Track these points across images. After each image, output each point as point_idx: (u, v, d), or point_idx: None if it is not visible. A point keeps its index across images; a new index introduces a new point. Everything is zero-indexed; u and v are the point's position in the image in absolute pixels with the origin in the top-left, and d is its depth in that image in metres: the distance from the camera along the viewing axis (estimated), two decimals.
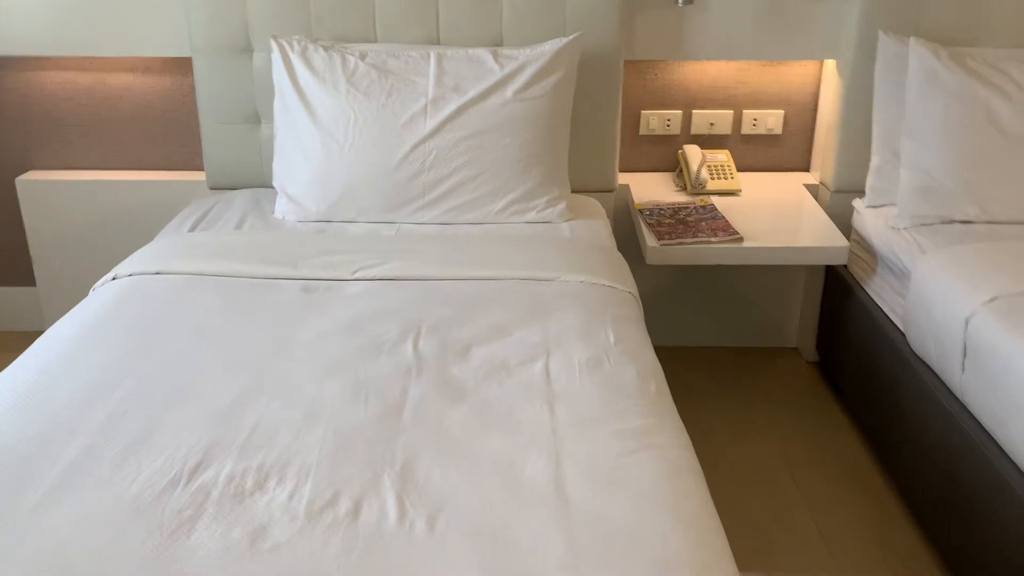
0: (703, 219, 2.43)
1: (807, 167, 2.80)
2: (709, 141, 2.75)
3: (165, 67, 2.66)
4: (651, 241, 2.31)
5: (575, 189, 2.39)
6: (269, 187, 2.52)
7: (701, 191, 2.61)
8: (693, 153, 2.64)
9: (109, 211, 2.71)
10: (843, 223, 2.52)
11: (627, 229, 2.66)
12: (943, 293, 1.90)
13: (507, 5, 2.39)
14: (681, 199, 2.58)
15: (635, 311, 1.74)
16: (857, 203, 2.50)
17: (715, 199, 2.57)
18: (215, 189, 2.58)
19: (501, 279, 1.82)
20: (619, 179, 2.67)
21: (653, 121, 2.73)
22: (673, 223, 2.41)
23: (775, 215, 2.48)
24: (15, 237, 2.85)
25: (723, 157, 2.69)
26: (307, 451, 1.24)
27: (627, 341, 1.56)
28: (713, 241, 2.30)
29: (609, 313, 1.68)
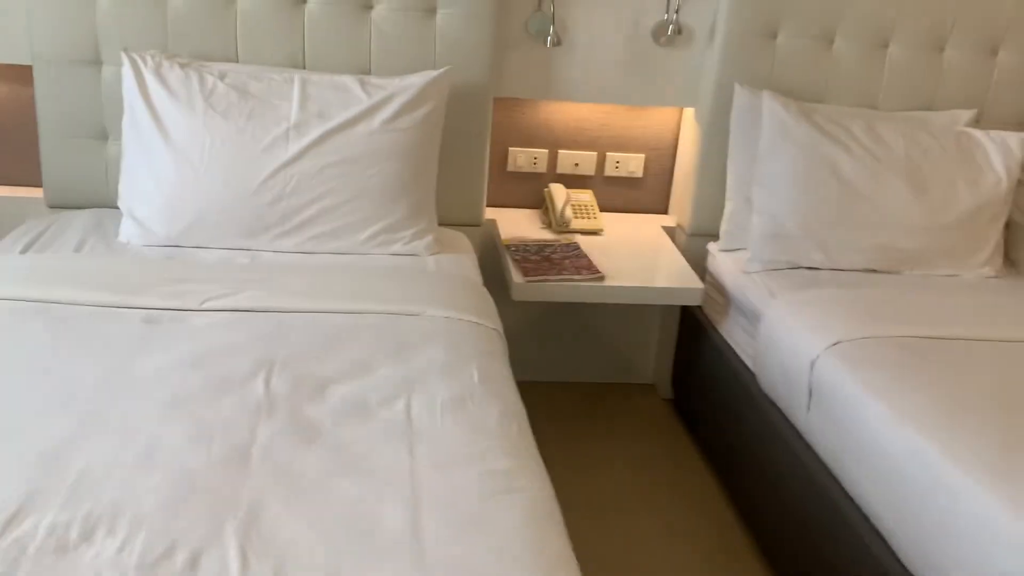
0: (567, 257, 2.45)
1: (666, 210, 2.88)
2: (574, 181, 2.79)
3: (7, 75, 2.46)
4: (517, 277, 2.31)
5: (441, 222, 2.37)
6: (114, 208, 2.36)
7: (565, 229, 2.64)
8: (558, 192, 2.67)
9: None
10: (698, 265, 2.61)
11: (493, 264, 2.65)
12: (791, 336, 1.98)
13: (376, 34, 2.35)
14: (547, 236, 2.60)
15: (500, 348, 1.72)
16: (712, 246, 2.59)
17: (579, 238, 2.61)
18: (54, 208, 2.39)
19: (364, 312, 1.76)
20: (486, 214, 2.66)
21: (520, 158, 2.75)
22: (539, 260, 2.42)
23: (634, 255, 2.53)
24: None
25: (587, 197, 2.74)
26: (141, 498, 1.14)
27: (491, 379, 1.54)
28: (576, 279, 2.32)
29: (474, 350, 1.65)
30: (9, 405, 1.33)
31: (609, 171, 2.80)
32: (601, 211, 2.75)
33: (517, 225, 2.67)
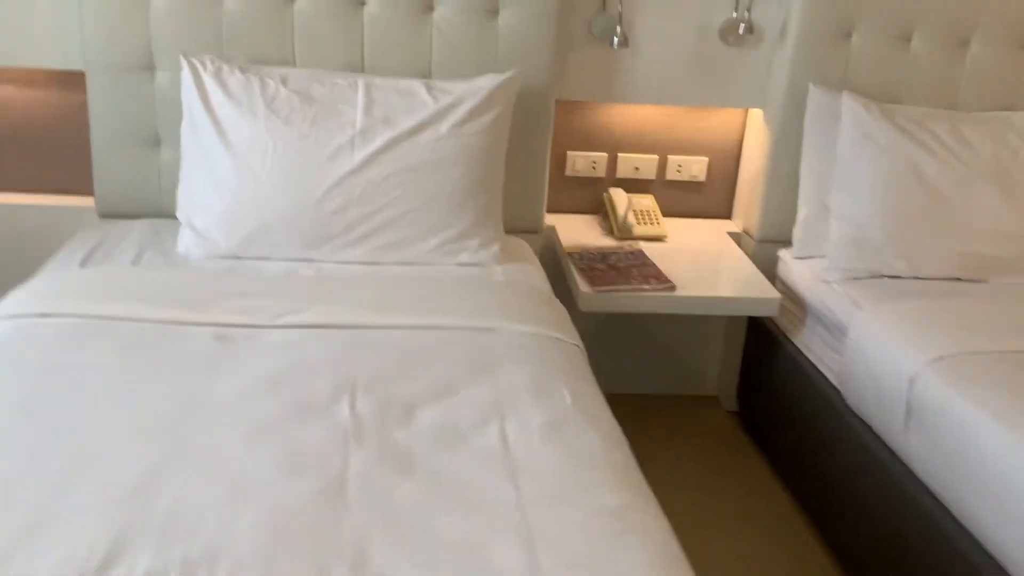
0: (633, 265, 2.36)
1: (729, 215, 2.78)
2: (633, 185, 2.70)
3: (52, 80, 2.40)
4: (583, 287, 2.22)
5: None
6: (167, 217, 2.29)
7: (628, 236, 2.55)
8: (619, 197, 2.58)
9: None
10: (768, 273, 2.50)
11: (554, 272, 2.56)
12: (885, 351, 1.88)
13: (437, 35, 2.27)
14: (608, 243, 2.51)
15: (584, 366, 1.64)
16: (783, 254, 2.49)
17: (642, 244, 2.51)
18: (106, 217, 2.33)
19: (439, 328, 1.68)
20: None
21: (579, 162, 2.66)
22: (604, 268, 2.33)
23: (702, 263, 2.44)
24: None
25: (648, 202, 2.64)
26: (237, 539, 1.06)
27: (585, 402, 1.45)
28: (646, 289, 2.23)
29: (560, 369, 1.56)
30: (89, 434, 1.26)
31: (671, 175, 2.71)
32: (664, 216, 2.65)
33: (576, 231, 2.58)
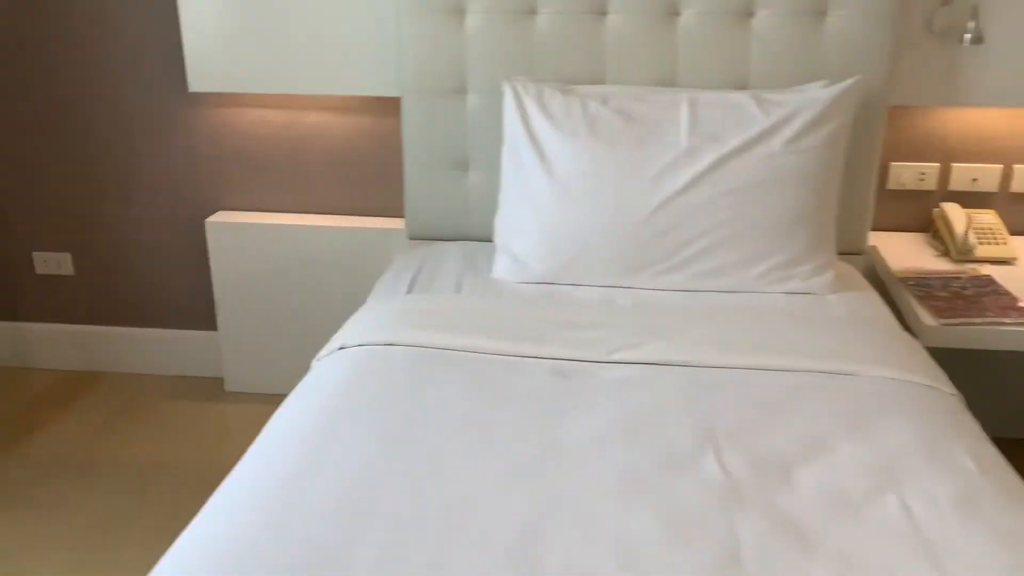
0: (983, 294, 2.06)
1: None
2: (970, 199, 2.38)
3: (365, 107, 2.49)
4: (926, 319, 1.96)
5: None
6: (473, 240, 2.30)
7: (968, 258, 2.24)
8: (955, 213, 2.28)
9: (298, 257, 2.55)
10: None
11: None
12: None
13: (757, 43, 2.10)
14: (946, 267, 2.21)
15: (973, 423, 1.41)
16: None
17: (986, 268, 2.19)
18: (415, 239, 2.38)
19: (790, 371, 1.51)
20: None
21: (904, 174, 2.39)
22: (948, 297, 2.05)
23: None
24: (200, 280, 2.72)
25: (990, 218, 2.31)
26: None
27: (993, 472, 1.23)
28: (1007, 323, 1.93)
29: (948, 426, 1.35)
30: (458, 476, 1.22)
31: (1017, 187, 2.36)
32: (1010, 235, 2.31)
33: (903, 252, 2.30)
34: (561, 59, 2.17)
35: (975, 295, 2.05)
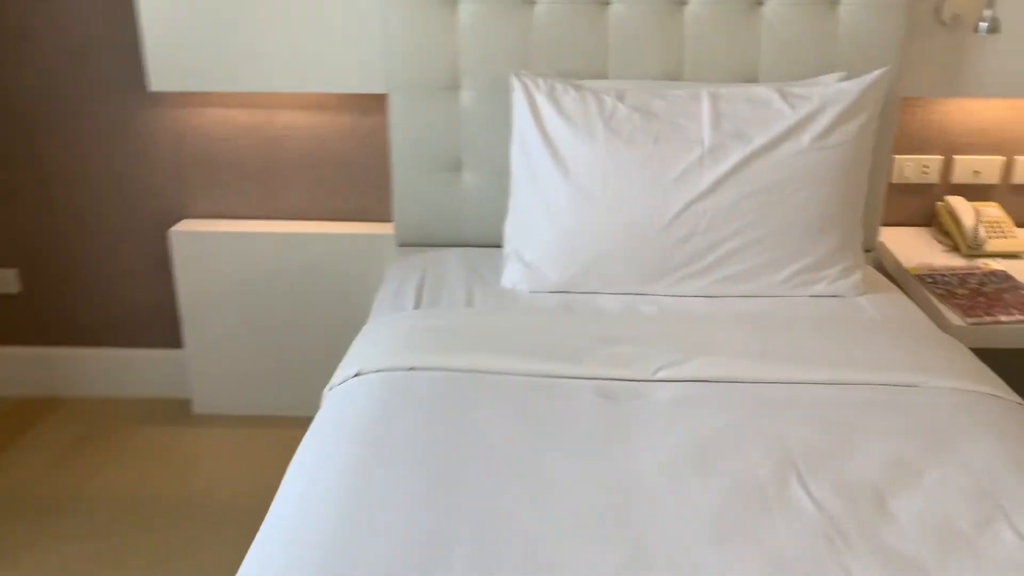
0: (1003, 290, 2.01)
1: None
2: (973, 191, 2.34)
3: (343, 104, 2.32)
4: (953, 318, 1.89)
5: None
6: (468, 246, 2.16)
7: (978, 252, 2.19)
8: (963, 207, 2.23)
9: (272, 267, 2.37)
10: None
11: None
12: None
13: (767, 33, 2.01)
14: (957, 263, 2.16)
15: None
16: None
17: (996, 262, 2.15)
18: (405, 246, 2.22)
19: (849, 384, 1.42)
20: None
21: (908, 168, 2.33)
22: (968, 294, 1.99)
23: None
24: (164, 295, 2.51)
25: (996, 211, 2.27)
26: None
27: None
28: None
29: None
30: (528, 521, 1.08)
31: (1019, 178, 2.32)
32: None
33: (910, 248, 2.25)
34: (561, 52, 2.04)
35: (995, 292, 2.00)
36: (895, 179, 2.34)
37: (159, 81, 2.20)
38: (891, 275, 2.18)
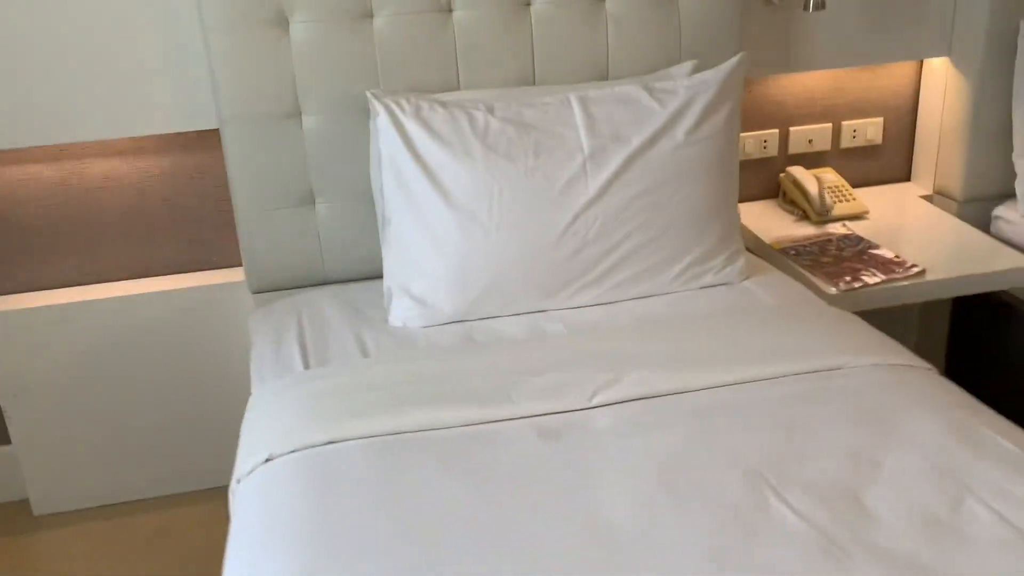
0: (860, 252, 2.11)
1: (907, 177, 2.54)
2: (809, 160, 2.44)
3: (163, 146, 2.07)
4: (826, 287, 1.96)
5: None
6: (331, 283, 2.00)
7: (827, 218, 2.29)
8: (805, 176, 2.32)
9: (104, 337, 2.09)
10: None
11: None
12: None
13: (613, 28, 1.98)
14: (811, 231, 2.25)
15: (969, 396, 1.38)
16: (1004, 212, 2.25)
17: (845, 226, 2.26)
18: (261, 292, 2.02)
19: (779, 377, 1.42)
20: None
21: (749, 144, 2.40)
22: (830, 261, 2.07)
23: (923, 238, 2.19)
24: None
25: (833, 176, 2.39)
26: None
27: None
28: (897, 278, 1.98)
29: (962, 409, 1.31)
30: None
31: (846, 142, 2.46)
32: None
33: (763, 222, 2.32)
34: (408, 66, 1.91)
35: (854, 255, 2.10)
36: (739, 157, 2.40)
37: None
38: (754, 252, 2.23)
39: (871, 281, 1.97)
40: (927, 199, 2.43)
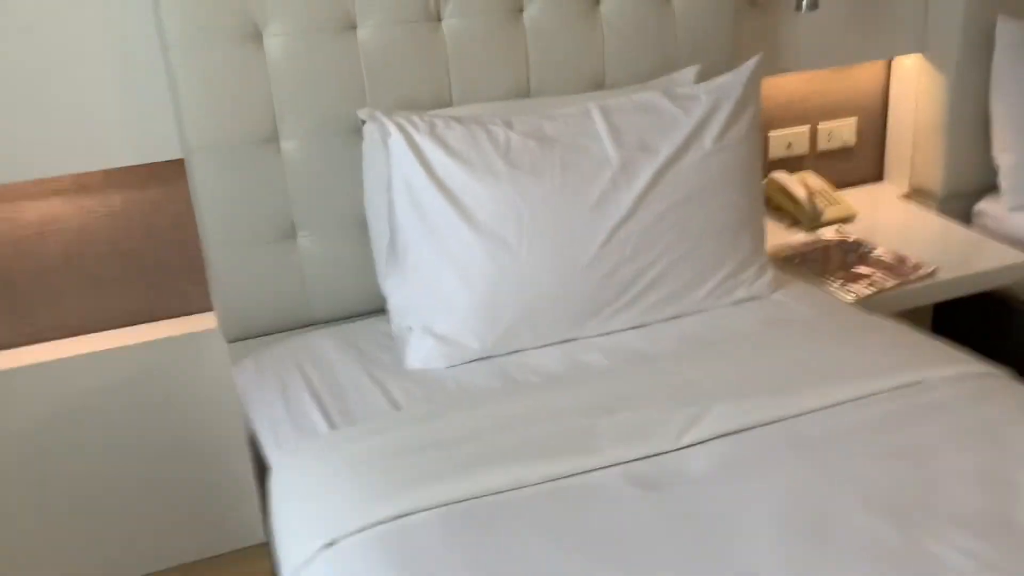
0: (863, 256, 2.06)
1: (879, 176, 2.53)
2: (790, 164, 2.40)
3: (109, 181, 1.82)
4: (844, 294, 1.89)
5: None
6: (318, 324, 1.79)
7: (819, 223, 2.24)
8: (792, 182, 2.27)
9: (51, 407, 1.80)
10: None
11: None
12: None
13: (609, 33, 1.86)
14: (806, 237, 2.19)
15: None
16: (986, 207, 2.25)
17: (836, 231, 2.21)
18: (238, 340, 1.79)
19: (863, 398, 1.32)
20: None
21: None
22: (838, 267, 2.01)
23: (918, 237, 2.17)
24: None
25: (816, 180, 2.34)
26: None
27: None
28: (912, 281, 1.94)
29: None
30: None
31: (822, 145, 2.42)
32: None
33: None
34: (396, 80, 1.74)
35: (858, 259, 2.04)
36: None
37: None
38: None
39: (887, 285, 1.91)
40: (907, 197, 2.41)
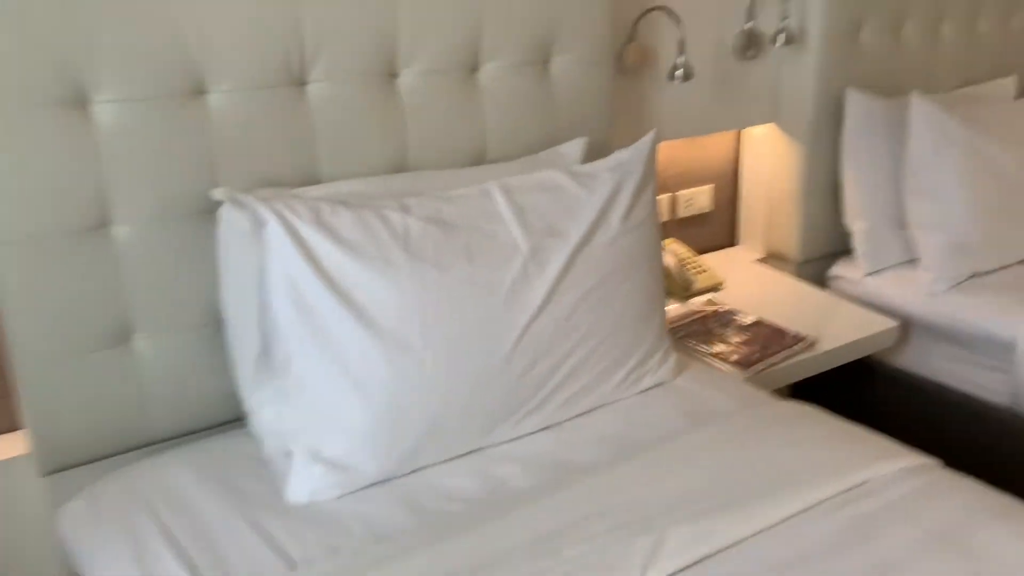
0: (745, 328, 2.02)
1: (732, 242, 2.55)
2: None
3: None
4: (738, 371, 1.83)
5: None
6: (156, 443, 1.49)
7: (691, 293, 2.19)
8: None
9: None
10: None
11: None
12: None
13: (489, 102, 1.72)
14: (679, 309, 2.13)
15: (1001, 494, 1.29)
16: (841, 271, 2.31)
17: (707, 300, 2.17)
18: (55, 472, 1.45)
19: (819, 505, 1.22)
20: None
21: None
22: (719, 340, 1.96)
23: (785, 304, 2.17)
24: None
25: (681, 248, 2.30)
26: None
27: None
28: (795, 352, 1.91)
29: (1004, 510, 1.21)
30: None
31: (682, 212, 2.40)
32: None
33: None
34: (254, 154, 1.49)
35: (738, 331, 2.00)
36: None
37: None
38: None
39: (776, 361, 1.88)
40: (762, 261, 2.43)
